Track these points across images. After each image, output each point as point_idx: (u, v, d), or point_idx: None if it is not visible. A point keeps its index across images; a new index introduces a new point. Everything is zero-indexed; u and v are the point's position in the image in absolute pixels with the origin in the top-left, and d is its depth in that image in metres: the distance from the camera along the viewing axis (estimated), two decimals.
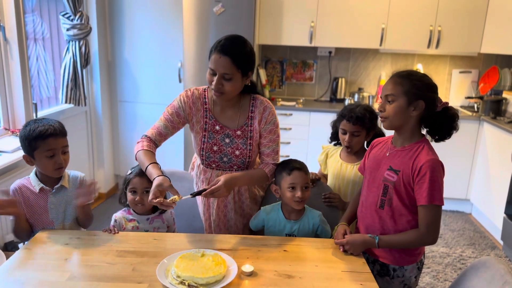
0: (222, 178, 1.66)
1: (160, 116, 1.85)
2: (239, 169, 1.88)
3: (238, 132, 1.83)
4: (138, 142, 1.80)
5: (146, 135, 1.82)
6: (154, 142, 1.81)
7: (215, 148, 1.84)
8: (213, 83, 1.69)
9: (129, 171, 1.84)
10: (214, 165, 1.88)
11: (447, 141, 1.56)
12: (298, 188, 1.71)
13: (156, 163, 1.69)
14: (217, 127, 1.84)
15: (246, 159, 1.85)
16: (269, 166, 1.86)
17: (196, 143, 1.88)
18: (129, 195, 1.82)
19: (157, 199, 1.53)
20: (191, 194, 1.62)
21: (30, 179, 1.75)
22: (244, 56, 1.70)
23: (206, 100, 1.85)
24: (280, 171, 1.79)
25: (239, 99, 1.84)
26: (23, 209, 1.71)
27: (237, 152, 1.84)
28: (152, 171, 1.64)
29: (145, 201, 1.77)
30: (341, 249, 1.61)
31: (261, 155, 1.89)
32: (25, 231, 1.72)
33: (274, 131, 1.84)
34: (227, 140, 1.83)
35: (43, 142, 1.65)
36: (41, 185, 1.72)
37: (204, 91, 1.86)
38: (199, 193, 1.63)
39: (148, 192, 1.76)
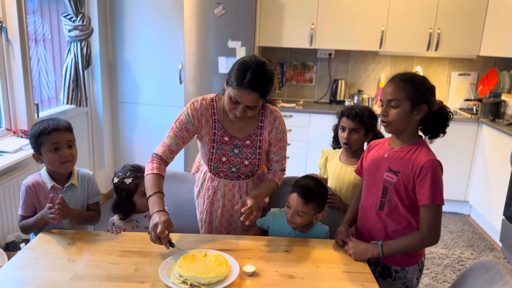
0: (250, 202, 1.64)
1: (169, 132, 1.79)
2: (246, 177, 1.88)
3: (247, 142, 1.81)
4: (148, 162, 1.74)
5: (157, 154, 1.76)
6: (166, 160, 1.76)
7: (223, 159, 1.82)
8: (236, 111, 1.66)
9: (130, 180, 1.84)
10: (222, 174, 1.86)
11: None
12: (292, 209, 1.68)
13: (161, 192, 1.65)
14: (226, 138, 1.80)
15: (254, 168, 1.86)
16: (277, 174, 1.88)
17: (204, 153, 1.85)
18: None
19: (165, 235, 1.49)
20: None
21: (41, 176, 1.77)
22: (271, 87, 1.67)
23: (215, 110, 1.79)
24: (294, 183, 1.75)
25: None
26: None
27: (246, 162, 1.82)
28: (155, 201, 1.60)
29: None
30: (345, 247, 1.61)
31: (270, 161, 1.89)
32: (39, 228, 1.73)
33: (284, 138, 1.85)
34: (236, 151, 1.81)
35: (47, 136, 1.69)
36: (53, 182, 1.75)
37: (212, 101, 1.80)
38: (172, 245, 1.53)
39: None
